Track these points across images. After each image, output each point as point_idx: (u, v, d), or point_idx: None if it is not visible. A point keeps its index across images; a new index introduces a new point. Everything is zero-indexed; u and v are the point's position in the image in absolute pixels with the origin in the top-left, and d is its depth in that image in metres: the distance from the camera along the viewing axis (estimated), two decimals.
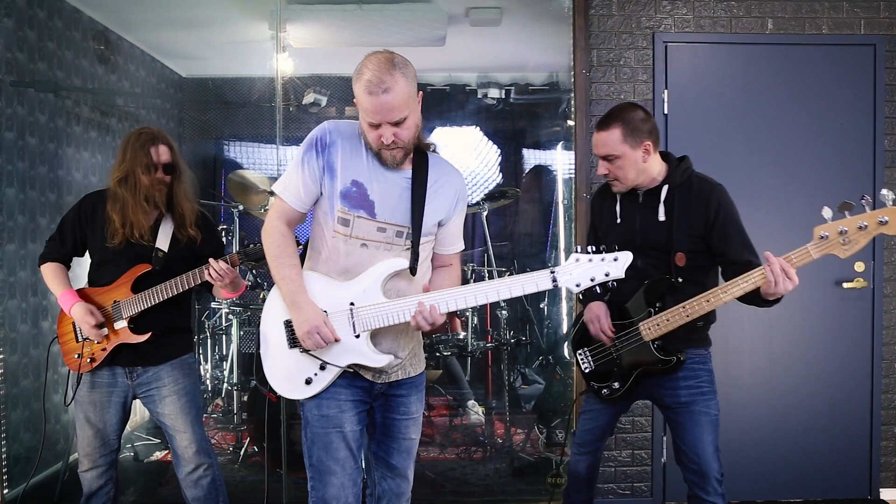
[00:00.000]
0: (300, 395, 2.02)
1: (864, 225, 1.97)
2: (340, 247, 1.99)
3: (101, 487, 2.58)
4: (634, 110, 2.31)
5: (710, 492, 2.29)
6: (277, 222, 2.03)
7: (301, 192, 2.00)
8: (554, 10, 3.53)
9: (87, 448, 2.55)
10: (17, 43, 3.44)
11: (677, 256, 2.25)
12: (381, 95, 1.83)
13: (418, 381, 2.18)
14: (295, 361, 2.00)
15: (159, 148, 2.49)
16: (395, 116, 1.87)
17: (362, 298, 1.96)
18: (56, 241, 2.59)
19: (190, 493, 2.59)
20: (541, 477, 3.54)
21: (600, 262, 1.88)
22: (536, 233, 4.64)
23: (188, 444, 2.55)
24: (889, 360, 3.50)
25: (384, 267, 1.97)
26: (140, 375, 2.55)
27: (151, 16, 4.07)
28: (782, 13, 3.43)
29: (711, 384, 2.35)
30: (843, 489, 3.48)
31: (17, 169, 3.44)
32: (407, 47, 4.19)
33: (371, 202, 1.97)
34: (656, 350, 2.30)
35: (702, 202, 2.27)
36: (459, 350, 3.93)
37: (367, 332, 1.97)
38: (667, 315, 2.24)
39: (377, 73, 1.84)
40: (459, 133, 4.81)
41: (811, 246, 2.03)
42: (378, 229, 1.97)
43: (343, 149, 1.97)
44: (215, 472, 2.61)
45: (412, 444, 2.16)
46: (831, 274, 3.45)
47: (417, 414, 2.17)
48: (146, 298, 2.47)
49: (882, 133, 3.44)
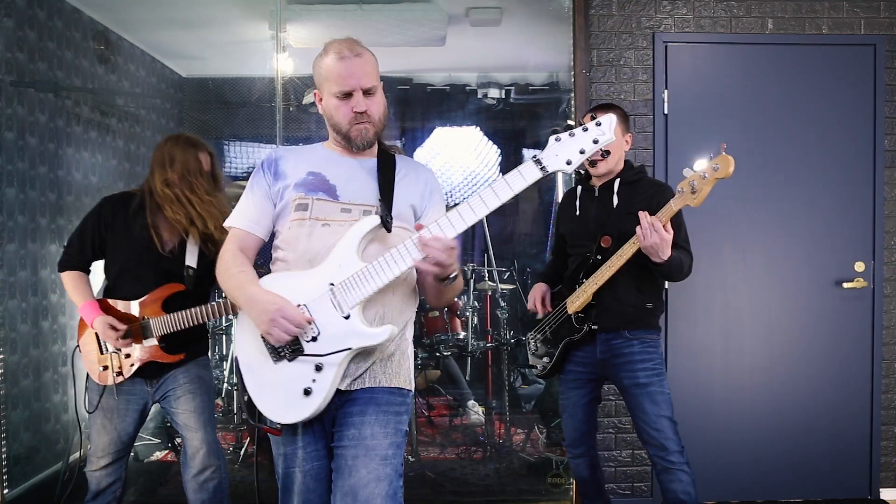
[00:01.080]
0: (304, 412, 1.72)
1: (705, 175, 2.23)
2: (299, 233, 1.79)
3: (110, 486, 2.58)
4: (617, 108, 2.58)
5: (675, 462, 2.49)
6: (228, 245, 1.87)
7: (253, 212, 1.86)
8: (554, 10, 3.53)
9: (101, 451, 2.55)
10: (17, 43, 3.44)
11: (603, 239, 2.50)
12: (354, 59, 1.78)
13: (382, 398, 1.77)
14: (286, 376, 1.73)
15: (205, 155, 2.51)
16: (367, 83, 1.80)
17: (340, 274, 1.72)
18: (75, 248, 2.55)
19: (195, 496, 2.57)
20: (541, 477, 3.54)
21: (583, 132, 1.69)
22: (536, 233, 4.64)
23: (199, 445, 2.54)
24: (889, 360, 3.50)
25: (354, 231, 1.75)
26: (160, 382, 2.55)
27: (151, 16, 4.07)
28: (782, 13, 3.43)
29: (663, 365, 2.58)
30: (843, 489, 3.48)
31: (17, 169, 3.44)
32: (407, 47, 4.21)
33: (332, 185, 1.83)
34: (575, 321, 2.56)
35: (648, 195, 2.51)
36: (459, 350, 3.93)
37: (356, 307, 1.72)
38: (583, 287, 2.51)
39: (345, 45, 1.81)
40: (459, 133, 4.81)
41: (672, 201, 2.30)
42: (342, 210, 1.80)
43: (290, 156, 1.90)
44: (222, 477, 2.60)
45: (358, 483, 1.68)
46: (831, 274, 3.45)
47: (374, 441, 1.71)
48: (180, 320, 2.45)
49: (882, 133, 3.44)
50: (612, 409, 3.42)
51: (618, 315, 2.52)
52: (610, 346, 2.54)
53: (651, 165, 3.37)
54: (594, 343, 2.57)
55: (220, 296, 3.54)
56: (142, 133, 4.44)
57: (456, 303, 3.92)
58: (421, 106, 4.79)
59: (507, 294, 4.13)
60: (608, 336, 2.54)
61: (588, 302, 2.51)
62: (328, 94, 1.83)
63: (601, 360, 2.57)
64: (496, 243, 4.21)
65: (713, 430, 3.42)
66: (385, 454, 1.73)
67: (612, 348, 2.54)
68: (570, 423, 2.69)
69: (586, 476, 2.73)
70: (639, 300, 2.53)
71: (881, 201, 3.45)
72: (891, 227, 3.47)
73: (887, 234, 3.46)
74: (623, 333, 2.52)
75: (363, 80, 1.79)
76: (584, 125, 1.70)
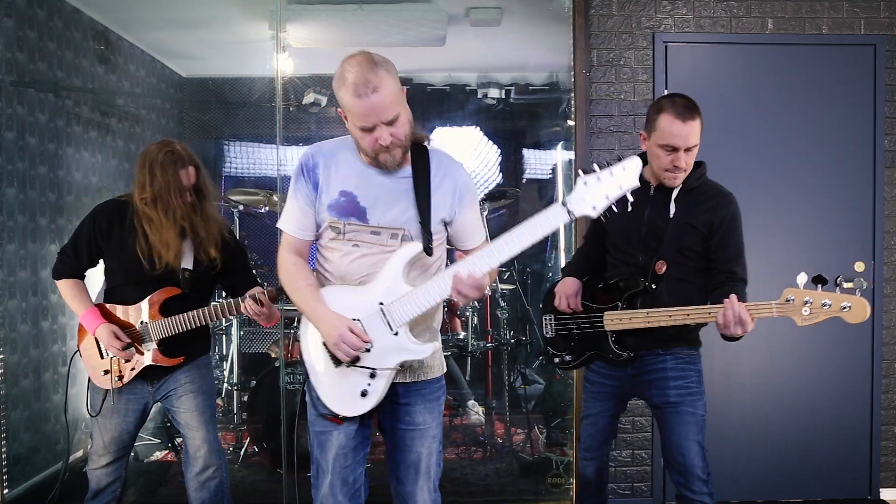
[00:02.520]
0: (362, 409, 1.97)
1: (828, 304, 2.02)
2: (335, 253, 1.99)
3: (110, 485, 2.58)
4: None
5: (696, 491, 2.30)
6: (286, 254, 2.03)
7: (301, 220, 2.00)
8: (554, 10, 3.52)
9: (101, 451, 2.55)
10: (17, 43, 3.44)
11: (657, 265, 2.29)
12: (371, 96, 1.78)
13: (426, 389, 2.07)
14: (345, 378, 1.96)
15: (189, 171, 2.43)
16: (388, 115, 1.82)
17: (388, 295, 1.91)
18: (70, 256, 2.53)
19: (196, 495, 2.58)
20: (541, 477, 3.54)
21: (609, 177, 1.80)
22: None
23: (200, 444, 2.55)
24: (889, 360, 3.50)
25: (399, 257, 1.92)
26: (161, 383, 2.56)
27: (151, 16, 4.07)
28: (782, 13, 3.43)
29: (700, 384, 2.38)
30: (843, 489, 3.48)
31: (17, 169, 3.44)
32: (407, 47, 4.20)
33: (362, 209, 1.94)
34: (612, 342, 2.37)
35: (710, 207, 2.31)
36: (459, 350, 3.93)
37: (404, 327, 1.92)
38: (630, 314, 2.30)
39: (361, 74, 1.78)
40: (459, 133, 4.81)
41: (775, 304, 2.08)
42: (371, 233, 1.95)
43: (326, 165, 1.97)
44: (223, 476, 2.61)
45: (418, 457, 2.04)
46: (831, 274, 3.44)
47: (426, 426, 2.05)
48: (178, 324, 2.45)
49: (882, 133, 3.44)
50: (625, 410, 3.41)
51: (656, 338, 2.33)
52: (641, 361, 2.37)
53: None
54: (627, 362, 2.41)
55: (220, 297, 3.55)
56: (142, 133, 4.44)
57: (456, 303, 3.91)
58: (421, 106, 4.78)
59: (507, 294, 4.13)
60: (640, 352, 2.37)
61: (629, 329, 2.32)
62: (351, 123, 1.88)
63: (631, 376, 2.41)
64: None
65: (713, 431, 3.40)
66: (434, 433, 2.07)
67: (644, 364, 2.37)
68: (590, 431, 2.55)
69: (591, 478, 2.61)
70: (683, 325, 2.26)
71: (881, 201, 3.45)
72: (891, 227, 3.47)
73: (887, 234, 3.46)
74: (655, 350, 2.35)
75: (383, 114, 1.81)
76: (610, 168, 1.80)
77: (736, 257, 2.29)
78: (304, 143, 4.28)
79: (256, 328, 4.19)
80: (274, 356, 3.89)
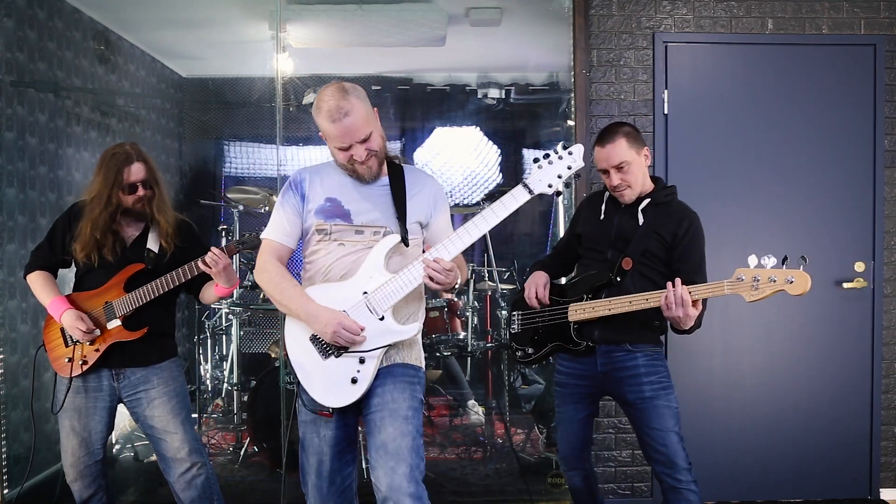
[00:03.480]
0: (352, 396, 2.07)
1: (774, 279, 2.10)
2: (321, 252, 2.14)
3: (92, 496, 2.58)
4: (627, 125, 2.50)
5: (683, 480, 2.39)
6: (268, 257, 2.16)
7: (286, 226, 2.17)
8: (554, 10, 3.53)
9: (72, 458, 2.54)
10: (17, 43, 3.44)
11: (624, 260, 2.42)
12: (344, 120, 2.00)
13: (397, 370, 2.13)
14: (334, 370, 2.09)
15: (132, 168, 2.50)
16: (360, 135, 2.04)
17: (371, 283, 2.08)
18: (45, 250, 2.61)
19: (185, 494, 2.57)
20: (541, 477, 3.54)
21: (559, 160, 2.08)
22: (536, 233, 4.64)
23: (180, 445, 2.54)
24: (889, 360, 3.50)
25: (379, 248, 2.10)
26: (127, 378, 2.54)
27: (151, 16, 4.07)
28: (782, 13, 3.43)
29: (669, 378, 2.48)
30: (843, 489, 3.48)
31: (17, 169, 3.44)
32: (407, 47, 4.21)
33: (346, 210, 2.14)
34: (574, 331, 2.49)
35: (675, 219, 2.44)
36: (459, 350, 3.93)
37: (389, 311, 2.08)
38: (593, 304, 2.42)
39: (334, 102, 2.01)
40: (459, 133, 4.81)
41: (727, 282, 2.17)
42: (356, 231, 2.12)
43: (313, 180, 2.18)
44: (209, 471, 2.61)
45: (387, 437, 2.02)
46: (831, 274, 3.45)
47: (395, 404, 2.07)
48: (140, 296, 2.48)
49: (882, 133, 3.44)
50: (612, 408, 3.42)
51: (621, 328, 2.42)
52: (612, 358, 2.45)
53: (651, 166, 3.37)
54: (593, 355, 2.48)
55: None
56: (142, 133, 4.44)
57: (456, 303, 3.92)
58: (421, 106, 4.78)
59: (507, 294, 4.13)
60: (609, 348, 2.46)
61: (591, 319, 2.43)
62: (330, 143, 2.11)
63: (602, 374, 2.48)
64: (496, 243, 4.21)
65: (713, 430, 3.43)
66: (406, 414, 2.08)
67: (614, 361, 2.45)
68: (565, 438, 2.61)
69: (580, 487, 2.66)
70: (646, 316, 2.39)
71: (881, 201, 3.45)
72: (891, 227, 3.47)
73: (887, 234, 3.47)
74: (625, 346, 2.44)
75: (356, 134, 2.04)
76: (558, 152, 2.08)
77: (697, 269, 2.41)
78: (304, 144, 4.30)
79: (256, 328, 4.19)
80: (274, 356, 3.88)
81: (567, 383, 2.57)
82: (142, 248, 2.55)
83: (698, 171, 3.40)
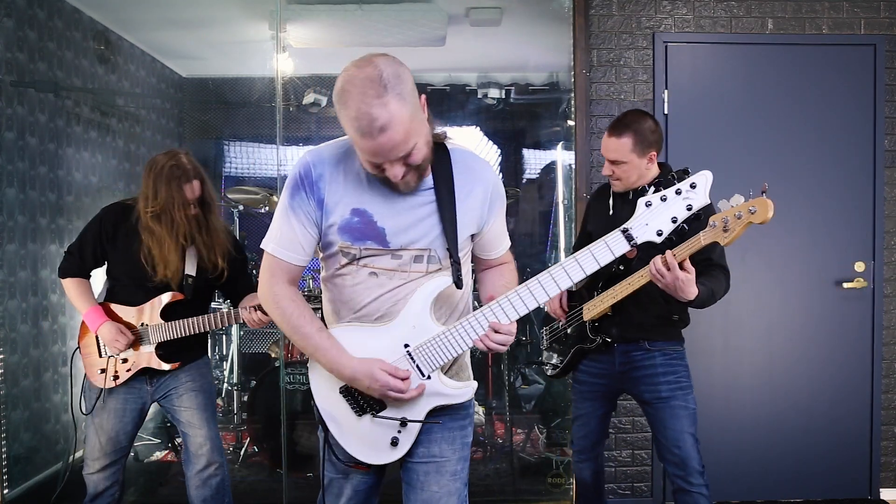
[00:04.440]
0: (392, 457, 1.73)
1: (740, 214, 2.04)
2: (347, 280, 1.69)
3: (108, 489, 2.59)
4: (647, 120, 2.40)
5: (694, 483, 2.36)
6: (280, 287, 1.69)
7: (300, 243, 1.67)
8: (554, 10, 3.52)
9: (97, 453, 2.55)
10: (17, 43, 3.44)
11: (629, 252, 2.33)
12: (378, 137, 1.46)
13: (446, 417, 1.74)
14: (371, 428, 1.72)
15: (193, 185, 2.43)
16: (400, 153, 1.51)
17: (415, 336, 1.66)
18: (76, 256, 2.55)
19: (198, 493, 2.58)
20: (541, 477, 3.54)
21: (675, 195, 1.57)
22: (536, 233, 4.64)
23: (203, 441, 2.56)
24: (889, 360, 3.50)
25: (425, 292, 1.66)
26: (160, 380, 2.57)
27: (151, 16, 4.07)
28: (782, 13, 3.43)
29: (689, 378, 2.44)
30: (843, 489, 3.48)
31: (17, 169, 3.44)
32: (407, 47, 4.20)
33: (380, 230, 1.64)
34: (590, 330, 2.46)
35: None
36: None
37: (437, 370, 1.68)
38: (602, 297, 2.39)
39: (365, 108, 1.44)
40: (459, 133, 4.80)
41: (702, 234, 2.11)
42: (392, 257, 1.66)
43: (333, 178, 1.65)
44: (224, 474, 2.62)
45: (431, 497, 1.73)
46: (831, 274, 3.45)
47: (443, 458, 1.74)
48: (178, 329, 2.48)
49: (882, 133, 3.44)
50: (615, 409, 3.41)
51: (638, 325, 2.39)
52: (629, 357, 2.43)
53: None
54: (612, 354, 2.45)
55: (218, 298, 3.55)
56: (142, 133, 4.44)
57: None
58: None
59: None
60: (627, 347, 2.42)
61: (605, 313, 2.40)
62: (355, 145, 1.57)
63: (620, 373, 2.46)
64: None
65: (713, 430, 3.42)
66: (454, 469, 1.77)
67: (632, 360, 2.42)
68: (582, 432, 2.60)
69: (588, 481, 2.65)
70: (664, 311, 2.38)
71: (881, 201, 3.45)
72: (891, 227, 3.47)
73: (887, 234, 3.46)
74: (643, 345, 2.41)
75: (393, 153, 1.51)
76: (677, 186, 1.59)
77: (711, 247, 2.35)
78: (305, 144, 4.30)
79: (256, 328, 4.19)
80: (274, 356, 3.88)
81: (585, 381, 2.56)
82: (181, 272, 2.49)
83: (698, 170, 3.39)
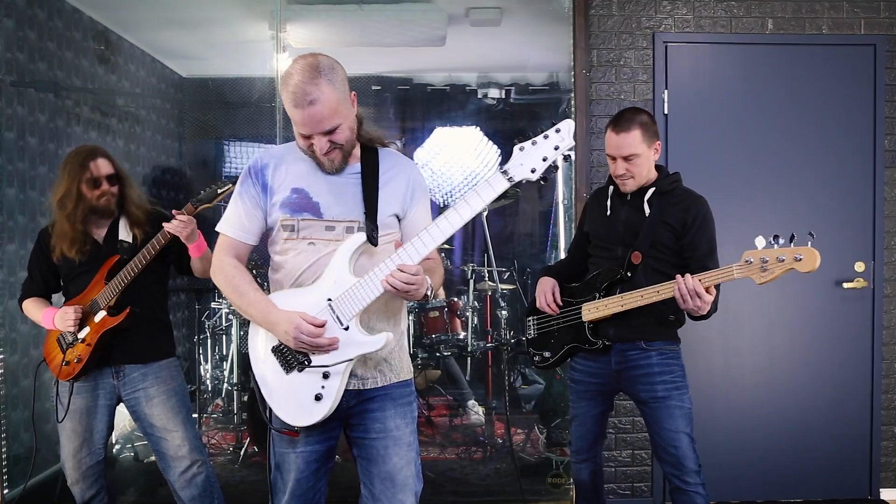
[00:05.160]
0: (317, 415, 1.87)
1: (783, 258, 2.06)
2: (290, 254, 1.92)
3: (94, 497, 2.59)
4: (643, 113, 2.46)
5: (690, 482, 2.37)
6: (224, 257, 1.95)
7: (244, 221, 1.94)
8: (554, 10, 3.53)
9: (73, 460, 2.55)
10: (17, 43, 3.44)
11: (633, 255, 2.40)
12: (308, 108, 1.76)
13: (395, 392, 1.97)
14: (298, 385, 1.87)
15: (98, 162, 2.54)
16: (324, 126, 1.80)
17: (336, 289, 1.85)
18: (29, 282, 2.68)
19: (185, 493, 2.58)
20: (541, 477, 3.54)
21: (544, 139, 1.78)
22: (536, 233, 4.64)
23: (181, 443, 2.55)
24: (889, 360, 3.50)
25: (343, 249, 1.86)
26: (127, 375, 2.55)
27: (151, 16, 4.07)
28: (782, 13, 3.43)
29: (684, 378, 2.46)
30: (843, 489, 3.49)
31: (17, 169, 3.44)
32: (407, 47, 4.21)
33: (315, 203, 1.90)
34: (589, 331, 2.46)
35: (683, 206, 2.42)
36: (459, 350, 3.93)
37: (354, 319, 1.85)
38: (606, 301, 2.40)
39: (301, 84, 1.75)
40: (459, 133, 4.81)
41: (736, 267, 2.14)
42: (326, 228, 1.90)
43: (277, 167, 1.94)
44: (209, 470, 2.61)
45: (393, 468, 1.93)
46: (831, 274, 3.45)
47: (398, 432, 1.95)
48: (119, 281, 2.49)
49: (882, 133, 3.44)
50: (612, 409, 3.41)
51: (636, 326, 2.40)
52: (625, 357, 2.44)
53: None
54: (608, 353, 2.46)
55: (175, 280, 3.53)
56: (142, 133, 4.44)
57: (456, 303, 3.92)
58: (421, 106, 4.78)
59: (507, 294, 4.13)
60: (623, 347, 2.43)
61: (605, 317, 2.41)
62: (292, 121, 1.84)
63: (616, 372, 2.46)
64: (496, 243, 4.21)
65: (713, 430, 3.42)
66: (409, 441, 1.97)
67: (628, 359, 2.43)
68: (579, 432, 2.61)
69: (586, 482, 2.65)
70: (661, 311, 2.38)
71: (881, 201, 3.45)
72: (891, 227, 3.47)
73: (887, 234, 3.47)
74: (639, 344, 2.42)
75: (319, 126, 1.80)
76: (545, 132, 1.78)
77: (709, 254, 2.39)
78: None
79: None
80: None
81: (582, 380, 2.57)
82: (114, 242, 2.57)
83: (698, 171, 3.40)
